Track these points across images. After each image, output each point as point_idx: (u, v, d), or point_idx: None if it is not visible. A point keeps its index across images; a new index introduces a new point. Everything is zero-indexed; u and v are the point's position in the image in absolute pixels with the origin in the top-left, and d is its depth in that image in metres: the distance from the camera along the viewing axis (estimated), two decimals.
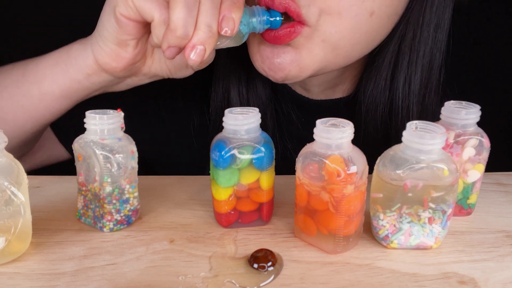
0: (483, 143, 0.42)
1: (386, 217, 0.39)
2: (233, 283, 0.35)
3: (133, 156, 0.42)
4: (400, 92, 0.53)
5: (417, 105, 0.53)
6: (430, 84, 0.53)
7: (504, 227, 0.43)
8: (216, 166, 0.40)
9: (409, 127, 0.37)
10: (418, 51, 0.51)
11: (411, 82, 0.52)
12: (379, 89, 0.54)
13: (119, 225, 0.42)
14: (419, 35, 0.50)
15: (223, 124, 0.40)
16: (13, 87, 0.52)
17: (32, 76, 0.51)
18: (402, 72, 0.52)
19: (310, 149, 0.38)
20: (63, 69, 0.50)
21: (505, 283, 0.35)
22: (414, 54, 0.51)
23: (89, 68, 0.49)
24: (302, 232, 0.41)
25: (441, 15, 0.50)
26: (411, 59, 0.52)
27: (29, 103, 0.52)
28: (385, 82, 0.53)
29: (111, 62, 0.47)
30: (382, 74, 0.53)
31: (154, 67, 0.50)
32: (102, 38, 0.46)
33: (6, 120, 0.53)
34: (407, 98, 0.53)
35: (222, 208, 0.42)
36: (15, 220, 0.36)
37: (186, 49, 0.40)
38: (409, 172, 0.37)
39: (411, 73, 0.52)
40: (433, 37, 0.51)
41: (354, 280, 0.36)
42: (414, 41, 0.51)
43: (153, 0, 0.41)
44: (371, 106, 0.55)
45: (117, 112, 0.42)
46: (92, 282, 0.35)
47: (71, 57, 0.50)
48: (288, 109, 0.60)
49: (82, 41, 0.50)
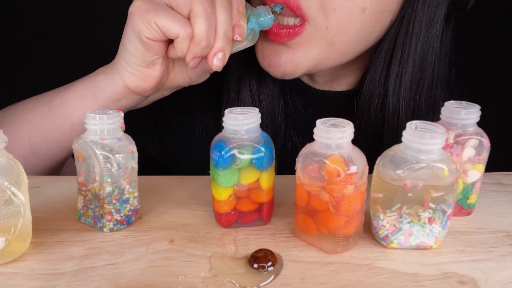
0: (483, 143, 0.42)
1: (386, 217, 0.39)
2: (233, 283, 0.35)
3: (133, 156, 0.42)
4: (392, 87, 0.55)
5: (407, 101, 0.55)
6: (422, 81, 0.54)
7: (504, 227, 0.43)
8: (216, 166, 0.40)
9: (409, 127, 0.37)
10: (410, 46, 0.53)
11: (402, 77, 0.54)
12: (375, 83, 0.56)
13: (119, 225, 0.42)
14: (412, 30, 0.52)
15: (223, 124, 0.40)
16: (43, 122, 0.53)
17: (60, 110, 0.53)
18: (395, 67, 0.54)
19: (310, 149, 0.38)
20: (92, 99, 0.52)
21: (505, 283, 0.35)
22: (406, 50, 0.53)
23: (119, 94, 0.51)
24: (302, 232, 0.41)
25: (433, 12, 0.52)
26: (403, 54, 0.53)
27: (61, 135, 0.53)
28: (379, 76, 0.56)
29: (142, 84, 0.50)
30: (378, 69, 0.55)
31: (176, 79, 0.53)
32: (129, 63, 0.49)
33: (39, 154, 0.54)
34: (398, 93, 0.55)
35: (222, 208, 0.42)
36: (15, 220, 0.36)
37: (209, 57, 0.45)
38: (409, 172, 0.37)
39: (403, 68, 0.54)
40: (425, 33, 0.53)
41: (354, 280, 0.36)
42: (406, 36, 0.53)
43: (175, 19, 0.44)
44: (366, 100, 0.57)
45: (117, 112, 0.42)
46: (92, 282, 0.35)
47: (99, 88, 0.51)
48: (295, 99, 0.63)
49: (105, 71, 0.52)
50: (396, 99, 0.55)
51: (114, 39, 0.53)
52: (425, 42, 0.53)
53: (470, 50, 1.23)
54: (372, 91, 0.56)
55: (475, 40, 1.23)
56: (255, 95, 0.60)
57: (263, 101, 0.61)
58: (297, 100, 0.63)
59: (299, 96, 0.63)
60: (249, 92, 0.60)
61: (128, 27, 0.46)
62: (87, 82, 0.53)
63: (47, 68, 1.45)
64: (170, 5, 0.45)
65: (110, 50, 0.53)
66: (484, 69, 1.17)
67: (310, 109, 0.62)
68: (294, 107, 0.62)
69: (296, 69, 0.52)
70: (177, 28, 0.44)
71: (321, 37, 0.50)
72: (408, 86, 0.54)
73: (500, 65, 1.23)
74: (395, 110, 0.55)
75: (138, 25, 0.45)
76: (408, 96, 0.55)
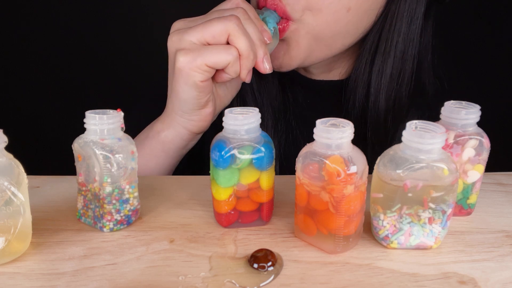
0: (483, 143, 0.42)
1: (386, 218, 0.39)
2: (233, 283, 0.35)
3: (133, 157, 0.42)
4: (374, 76, 0.60)
5: (388, 89, 0.60)
6: (403, 72, 0.60)
7: (504, 227, 0.43)
8: (216, 166, 0.40)
9: (409, 127, 0.37)
10: (392, 40, 0.58)
11: (384, 68, 0.59)
12: (360, 72, 0.61)
13: (119, 225, 0.42)
14: (394, 26, 0.58)
15: (223, 124, 0.40)
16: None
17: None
18: (379, 59, 0.59)
19: (310, 149, 0.38)
20: (162, 156, 0.57)
21: (505, 283, 0.35)
22: (389, 43, 0.58)
23: (186, 140, 0.56)
24: (302, 232, 0.41)
25: (413, 9, 0.57)
26: (386, 47, 0.59)
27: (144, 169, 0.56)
28: (364, 66, 0.61)
29: (203, 124, 0.54)
30: (363, 59, 0.61)
31: (223, 101, 0.57)
32: (188, 111, 0.53)
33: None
34: (380, 81, 0.60)
35: (222, 208, 0.42)
36: (15, 220, 0.36)
37: (259, 64, 0.50)
38: (409, 172, 0.37)
39: (385, 60, 0.59)
40: (406, 29, 0.58)
41: (354, 280, 0.36)
42: (389, 32, 0.58)
43: (219, 51, 0.48)
44: (352, 87, 0.62)
45: (117, 112, 0.42)
46: (92, 282, 0.35)
47: (166, 144, 0.56)
48: (294, 89, 0.67)
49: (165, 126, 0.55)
50: (377, 87, 0.60)
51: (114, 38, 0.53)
52: (406, 37, 0.58)
53: (471, 50, 1.23)
54: (357, 80, 0.61)
55: (475, 40, 1.23)
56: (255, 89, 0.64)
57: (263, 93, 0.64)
58: (296, 90, 0.67)
59: (298, 87, 0.67)
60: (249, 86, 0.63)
61: (180, 81, 0.49)
62: (152, 144, 0.56)
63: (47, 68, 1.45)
64: (207, 42, 0.48)
65: (111, 50, 0.53)
66: (484, 69, 1.17)
67: (307, 98, 0.67)
68: (293, 97, 0.67)
69: (291, 61, 0.57)
70: (225, 57, 0.47)
71: (308, 32, 0.54)
72: (389, 75, 0.59)
73: (500, 65, 1.23)
74: (377, 96, 0.60)
75: (191, 75, 0.48)
76: (389, 85, 0.60)
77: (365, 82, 0.61)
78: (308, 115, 0.61)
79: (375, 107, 0.60)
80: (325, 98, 0.67)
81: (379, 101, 0.60)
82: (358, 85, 0.61)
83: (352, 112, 0.62)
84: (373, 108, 0.61)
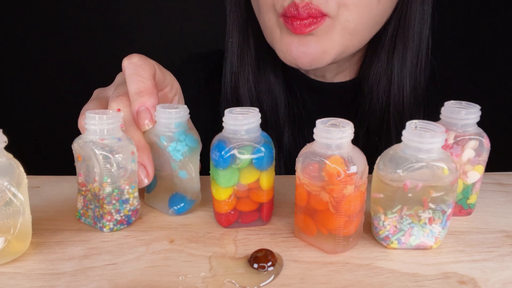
0: (483, 143, 0.42)
1: (387, 219, 0.39)
2: (233, 283, 0.35)
3: (133, 157, 0.41)
4: (397, 65, 0.59)
5: (410, 75, 0.60)
6: (421, 53, 0.60)
7: (504, 227, 0.43)
8: (216, 166, 0.40)
9: (409, 126, 0.37)
10: (410, 25, 0.58)
11: (406, 55, 0.59)
12: (381, 67, 0.60)
13: (119, 225, 0.42)
14: (410, 10, 0.58)
15: (223, 124, 0.40)
16: None
17: None
18: (399, 47, 0.59)
19: (310, 149, 0.38)
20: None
21: (505, 283, 0.35)
22: (407, 29, 0.58)
23: None
24: (302, 232, 0.41)
25: None
26: (405, 34, 0.58)
27: None
28: (386, 58, 0.60)
29: None
30: (384, 50, 0.60)
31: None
32: None
33: None
34: (401, 72, 0.59)
35: (222, 208, 0.42)
36: (14, 220, 0.36)
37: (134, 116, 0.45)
38: (409, 172, 0.37)
39: (406, 47, 0.59)
40: (420, 10, 0.58)
41: (354, 280, 0.36)
42: (406, 17, 0.58)
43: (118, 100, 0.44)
44: (373, 81, 0.61)
45: (116, 112, 0.41)
46: (92, 282, 0.35)
47: None
48: (303, 95, 0.65)
49: None
50: (401, 75, 0.59)
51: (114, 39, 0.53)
52: (421, 18, 0.58)
53: (471, 50, 1.23)
54: (377, 74, 0.60)
55: (475, 40, 1.23)
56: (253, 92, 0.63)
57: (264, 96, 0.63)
58: (306, 96, 0.65)
59: (309, 92, 0.65)
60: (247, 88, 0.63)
61: None
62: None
63: (47, 68, 1.45)
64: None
65: (111, 50, 0.53)
66: (484, 68, 1.17)
67: (320, 102, 0.65)
68: (303, 103, 0.65)
69: (325, 55, 0.53)
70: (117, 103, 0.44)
71: (343, 28, 0.53)
72: (410, 62, 0.59)
73: (501, 65, 1.23)
74: (400, 86, 0.60)
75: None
76: (411, 71, 0.59)
77: (388, 75, 0.60)
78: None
79: (399, 96, 0.60)
80: (340, 99, 0.65)
81: (404, 90, 0.59)
82: (380, 79, 0.60)
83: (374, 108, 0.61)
84: (397, 96, 0.60)
